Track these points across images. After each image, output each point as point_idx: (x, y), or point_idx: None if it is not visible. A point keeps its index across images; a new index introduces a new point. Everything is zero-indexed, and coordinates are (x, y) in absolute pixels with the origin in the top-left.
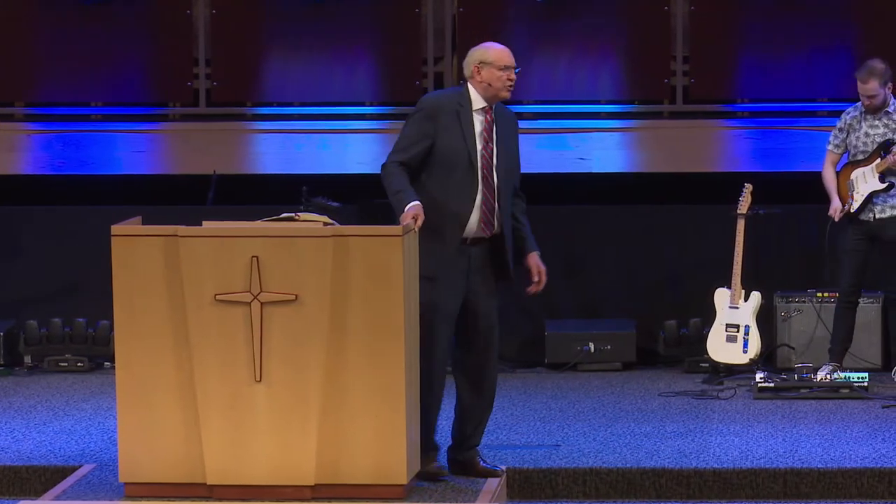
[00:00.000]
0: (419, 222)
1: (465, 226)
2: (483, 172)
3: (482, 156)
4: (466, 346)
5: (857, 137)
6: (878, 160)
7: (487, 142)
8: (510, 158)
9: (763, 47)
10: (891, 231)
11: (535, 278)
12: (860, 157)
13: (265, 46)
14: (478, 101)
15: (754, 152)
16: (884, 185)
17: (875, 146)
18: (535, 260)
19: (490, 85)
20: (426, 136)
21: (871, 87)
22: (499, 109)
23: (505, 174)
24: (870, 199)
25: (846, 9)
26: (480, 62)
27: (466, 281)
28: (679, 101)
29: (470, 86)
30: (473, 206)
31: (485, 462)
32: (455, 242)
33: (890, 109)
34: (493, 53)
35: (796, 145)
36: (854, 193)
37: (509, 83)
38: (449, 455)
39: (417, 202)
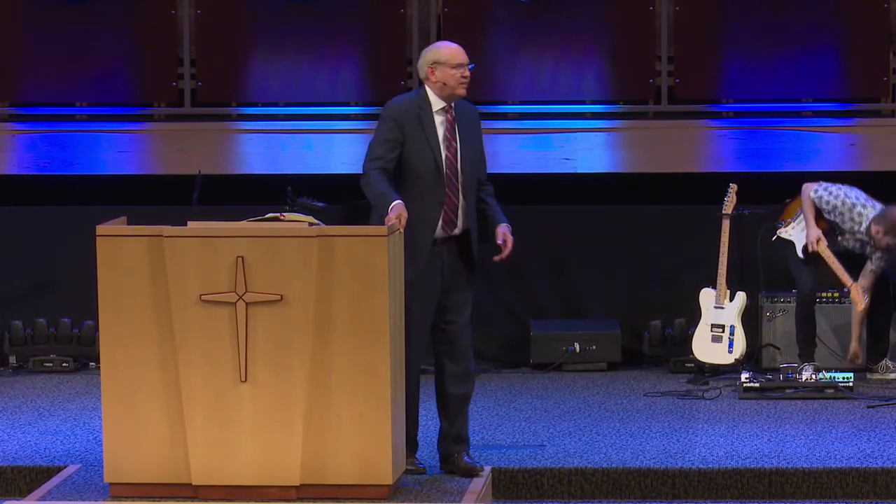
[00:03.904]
0: (403, 221)
1: (435, 229)
2: (447, 173)
3: (446, 157)
4: (443, 342)
5: (843, 221)
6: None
7: (451, 142)
8: (474, 154)
9: (748, 48)
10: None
11: (500, 241)
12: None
13: (250, 47)
14: (437, 103)
15: (739, 152)
16: (801, 256)
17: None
18: (502, 229)
19: (445, 84)
20: (397, 142)
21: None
22: (458, 106)
23: (469, 171)
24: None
25: (831, 9)
26: (433, 62)
27: (441, 281)
28: (664, 101)
29: (427, 88)
30: (443, 209)
31: (469, 459)
32: (426, 246)
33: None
34: (444, 52)
35: (781, 145)
36: (792, 226)
37: (463, 80)
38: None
39: (400, 201)
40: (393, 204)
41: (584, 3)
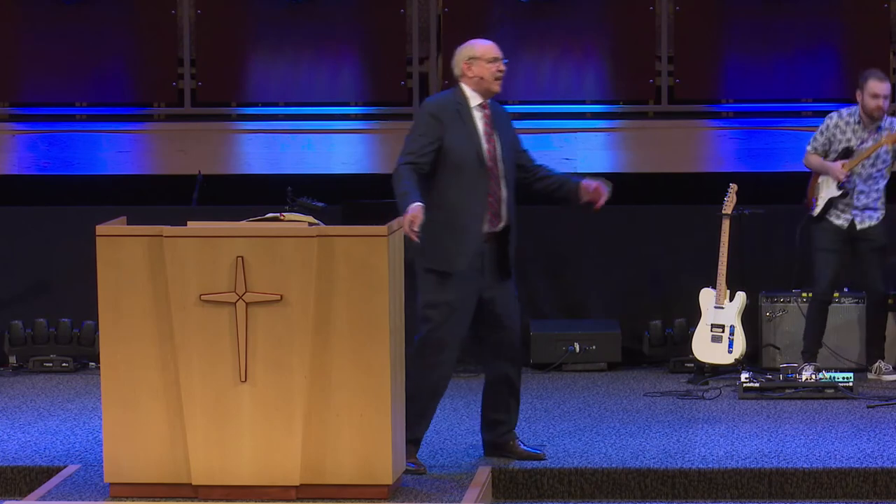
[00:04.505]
0: (416, 224)
1: (483, 222)
2: (489, 165)
3: (487, 150)
4: (490, 339)
5: (840, 141)
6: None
7: (490, 136)
8: (512, 149)
9: (748, 48)
10: (872, 240)
11: (591, 190)
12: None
13: (250, 46)
14: (474, 98)
15: (739, 152)
16: (839, 193)
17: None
18: (586, 181)
19: (482, 79)
20: (434, 137)
21: (886, 86)
22: (491, 104)
23: (510, 164)
24: (831, 203)
25: (831, 9)
26: (469, 58)
27: (482, 278)
28: (664, 101)
29: (463, 85)
30: (488, 201)
31: (525, 445)
32: (472, 240)
33: (883, 124)
34: (480, 48)
35: (781, 145)
36: (818, 197)
37: (499, 74)
38: (484, 438)
39: (419, 204)
40: (411, 206)
41: (584, 3)
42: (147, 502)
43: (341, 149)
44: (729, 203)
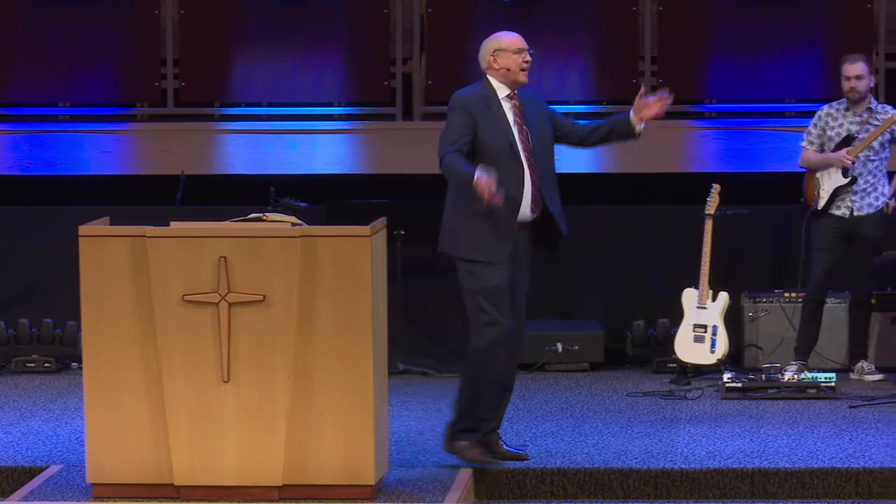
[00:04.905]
0: (494, 187)
1: (519, 211)
2: (525, 155)
3: (520, 140)
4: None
5: (833, 128)
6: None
7: (521, 126)
8: (545, 138)
9: (731, 48)
10: (867, 231)
11: (644, 102)
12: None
13: (233, 47)
14: (501, 90)
15: (723, 153)
16: (847, 180)
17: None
18: (637, 104)
19: (508, 70)
20: (468, 127)
21: (859, 66)
22: (521, 94)
23: (543, 154)
24: (836, 194)
25: (815, 9)
26: (495, 50)
27: (513, 266)
28: None
29: (490, 77)
30: (523, 190)
31: (508, 445)
32: (509, 228)
33: (872, 106)
34: (505, 40)
35: (765, 146)
36: (819, 191)
37: (525, 65)
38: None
39: (481, 172)
40: (477, 175)
41: (568, 3)
42: (129, 502)
43: (325, 149)
44: (712, 203)
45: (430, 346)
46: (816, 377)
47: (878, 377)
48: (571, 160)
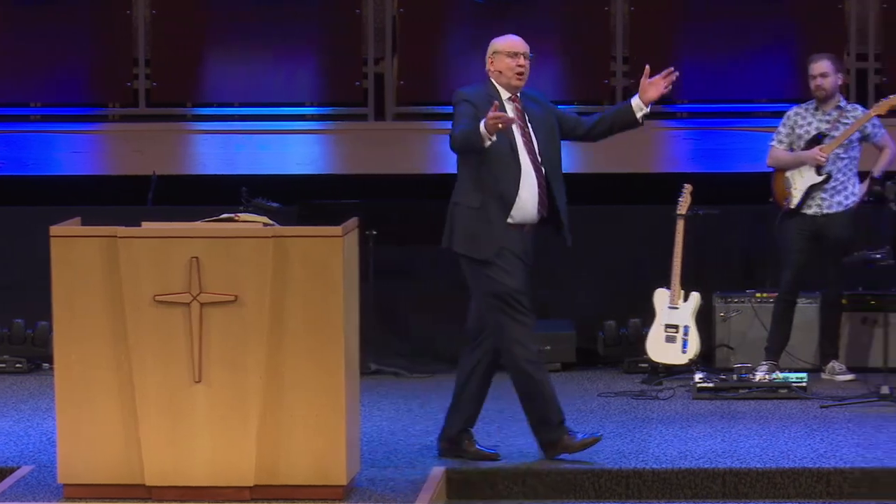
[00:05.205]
0: (496, 109)
1: (511, 209)
2: (530, 158)
3: (523, 142)
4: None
5: (802, 127)
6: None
7: (524, 128)
8: (551, 138)
9: (703, 48)
10: (836, 230)
11: (649, 81)
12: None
13: (205, 47)
14: (504, 92)
15: (694, 153)
16: (821, 178)
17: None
18: (643, 85)
19: (501, 73)
20: (476, 118)
21: (823, 64)
22: (526, 94)
23: (549, 157)
24: (809, 193)
25: (786, 10)
26: (493, 52)
27: (521, 262)
28: (619, 101)
29: (492, 79)
30: (519, 190)
31: (480, 445)
32: (505, 224)
33: (842, 104)
34: (501, 43)
35: (735, 146)
36: (791, 189)
37: (518, 69)
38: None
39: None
40: (482, 122)
41: (540, 3)
42: (101, 503)
43: (297, 149)
44: (683, 203)
45: (402, 346)
46: (788, 377)
47: (849, 377)
48: None
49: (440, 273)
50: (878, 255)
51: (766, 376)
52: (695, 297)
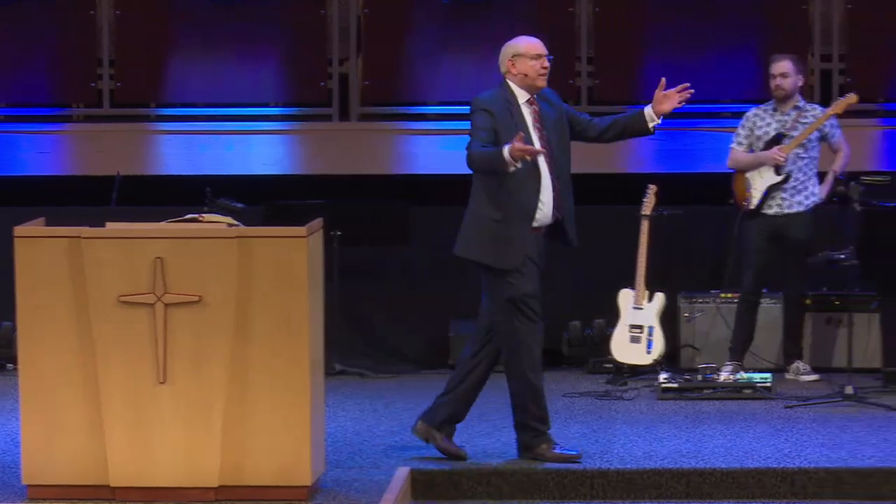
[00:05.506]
0: (520, 143)
1: (534, 216)
2: (546, 161)
3: (541, 146)
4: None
5: (761, 128)
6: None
7: (541, 131)
8: (563, 141)
9: (667, 49)
10: (796, 230)
11: (664, 92)
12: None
13: (169, 47)
14: (521, 95)
15: (659, 153)
16: (780, 178)
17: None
18: (656, 97)
19: (526, 75)
20: (493, 130)
21: (783, 65)
22: (539, 95)
23: (562, 157)
24: (769, 193)
25: (751, 10)
26: (514, 55)
27: (536, 267)
28: (584, 101)
29: (509, 82)
30: (539, 196)
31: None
32: (528, 232)
33: (800, 104)
34: (523, 45)
35: (700, 146)
36: (752, 190)
37: (543, 70)
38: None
39: (508, 144)
40: (506, 147)
41: (505, 4)
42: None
43: (261, 149)
44: (648, 204)
45: (367, 346)
46: (752, 377)
47: (813, 377)
48: None
49: (405, 273)
50: (841, 256)
51: (731, 376)
52: (659, 297)
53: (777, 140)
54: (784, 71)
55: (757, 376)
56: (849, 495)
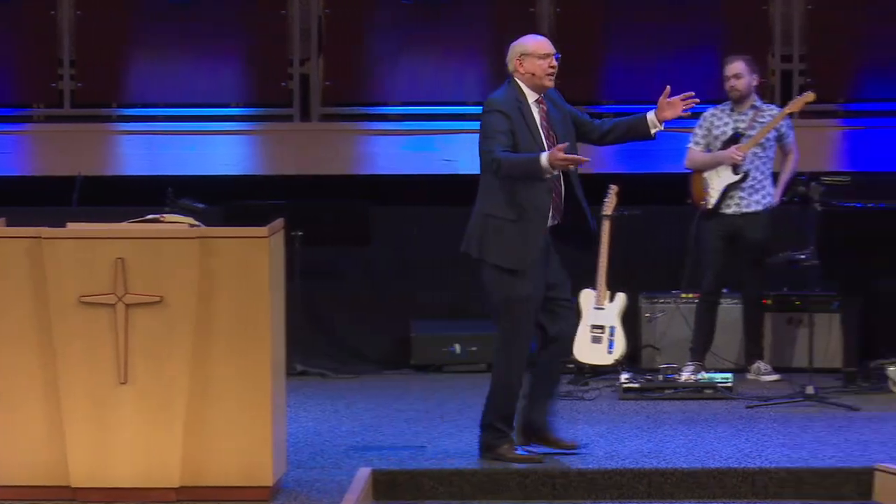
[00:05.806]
0: (561, 152)
1: (548, 216)
2: None
3: (549, 145)
4: (552, 328)
5: (718, 128)
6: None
7: (549, 131)
8: (570, 140)
9: (628, 49)
10: (753, 230)
11: (667, 100)
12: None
13: (130, 47)
14: (530, 94)
15: (619, 153)
16: (738, 177)
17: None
18: (660, 102)
19: (534, 74)
20: (509, 131)
21: (736, 66)
22: (546, 96)
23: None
24: (727, 192)
25: (711, 11)
26: (521, 54)
27: (546, 270)
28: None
29: (518, 81)
30: (552, 197)
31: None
32: (539, 235)
33: (757, 104)
34: (531, 44)
35: (659, 146)
36: (709, 189)
37: (551, 70)
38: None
39: (545, 152)
40: (543, 157)
41: (466, 4)
42: None
43: (222, 150)
44: (609, 204)
45: (329, 347)
46: (713, 377)
47: (774, 377)
48: (470, 162)
49: (366, 274)
50: (802, 256)
51: (692, 377)
52: (620, 297)
53: (735, 139)
54: (738, 72)
55: (718, 376)
56: (809, 495)
